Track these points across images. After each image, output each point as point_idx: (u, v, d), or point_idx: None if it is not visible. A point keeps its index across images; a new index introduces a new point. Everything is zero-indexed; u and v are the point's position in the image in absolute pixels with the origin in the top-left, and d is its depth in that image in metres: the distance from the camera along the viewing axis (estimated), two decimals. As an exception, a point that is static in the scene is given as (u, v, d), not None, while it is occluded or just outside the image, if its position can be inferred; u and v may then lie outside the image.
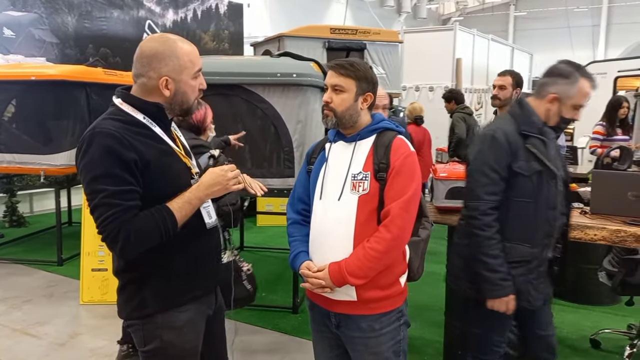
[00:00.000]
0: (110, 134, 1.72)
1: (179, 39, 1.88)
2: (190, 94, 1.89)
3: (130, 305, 1.89)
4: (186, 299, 1.93)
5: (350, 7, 18.65)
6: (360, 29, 9.10)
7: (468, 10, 27.06)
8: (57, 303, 4.72)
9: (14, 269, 5.60)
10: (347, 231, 2.05)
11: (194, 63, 1.88)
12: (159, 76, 1.82)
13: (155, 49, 1.83)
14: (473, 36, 11.26)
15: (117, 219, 1.69)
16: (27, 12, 7.82)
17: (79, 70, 5.96)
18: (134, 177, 1.74)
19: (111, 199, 1.70)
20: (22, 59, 7.64)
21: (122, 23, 9.31)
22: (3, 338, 4.02)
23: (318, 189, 2.14)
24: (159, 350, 1.90)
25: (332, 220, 2.08)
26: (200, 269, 1.97)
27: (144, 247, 1.76)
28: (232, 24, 11.77)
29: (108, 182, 1.70)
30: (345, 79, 2.07)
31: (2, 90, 5.47)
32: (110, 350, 3.84)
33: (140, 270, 1.87)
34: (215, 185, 1.87)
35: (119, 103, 1.86)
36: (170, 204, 1.80)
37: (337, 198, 2.07)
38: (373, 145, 2.10)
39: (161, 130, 1.88)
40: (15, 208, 7.42)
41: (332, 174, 2.12)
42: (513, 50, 13.70)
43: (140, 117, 1.84)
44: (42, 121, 5.50)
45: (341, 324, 2.14)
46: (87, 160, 1.73)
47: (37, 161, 5.46)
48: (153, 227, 1.75)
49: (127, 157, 1.72)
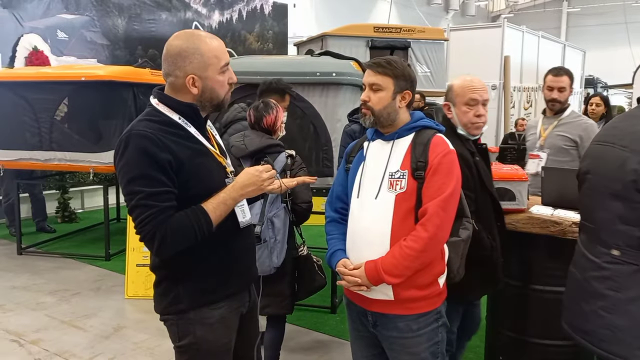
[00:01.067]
0: (145, 136, 1.75)
1: (205, 34, 1.88)
2: (218, 89, 1.88)
3: (165, 300, 1.92)
4: (219, 297, 1.95)
5: (396, 5, 18.52)
6: (404, 27, 9.02)
7: (519, 7, 26.39)
8: (104, 297, 4.87)
9: (65, 263, 5.81)
10: (383, 230, 2.04)
11: (220, 58, 1.86)
12: (185, 74, 1.82)
13: (179, 47, 1.83)
14: (522, 33, 10.99)
15: (153, 221, 1.73)
16: (80, 15, 8.12)
17: (127, 71, 6.13)
18: (169, 178, 1.76)
19: (147, 200, 1.73)
20: (75, 60, 7.97)
21: (170, 25, 9.53)
22: (51, 329, 4.17)
23: (356, 188, 2.13)
24: (193, 345, 1.93)
25: (369, 219, 2.07)
26: (233, 267, 1.98)
27: (179, 247, 1.79)
28: (276, 24, 11.87)
29: (144, 184, 1.73)
30: (383, 77, 2.06)
31: (54, 90, 5.68)
32: (152, 343, 3.94)
33: (175, 268, 1.89)
34: (249, 185, 1.87)
35: (155, 103, 1.88)
36: (205, 205, 1.81)
37: (374, 196, 2.06)
38: (411, 143, 2.08)
39: (196, 129, 1.89)
40: (67, 204, 7.70)
41: (370, 172, 2.11)
42: (565, 48, 13.28)
43: (175, 118, 1.86)
44: (91, 120, 5.68)
45: (378, 323, 2.13)
46: (124, 162, 1.76)
47: (86, 159, 5.64)
48: (188, 228, 1.77)
49: (161, 158, 1.74)
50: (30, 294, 4.88)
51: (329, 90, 4.20)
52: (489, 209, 2.56)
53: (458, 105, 2.51)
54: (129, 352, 3.84)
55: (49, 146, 5.71)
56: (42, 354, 3.78)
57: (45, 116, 5.68)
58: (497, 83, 10.07)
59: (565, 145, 3.75)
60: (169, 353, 3.79)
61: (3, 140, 5.87)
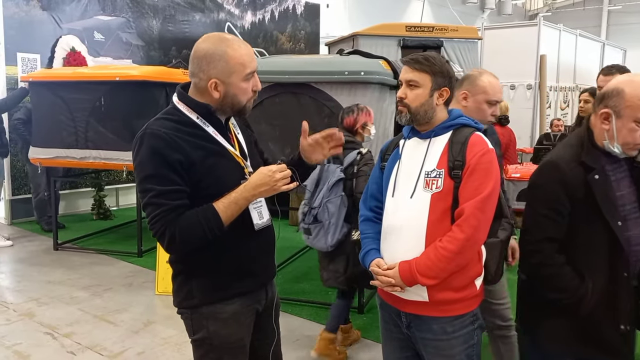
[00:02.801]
0: (158, 136, 1.79)
1: (234, 39, 1.88)
2: (240, 96, 1.89)
3: (181, 294, 1.97)
4: (232, 294, 1.97)
5: (430, 4, 18.35)
6: (437, 26, 8.92)
7: (557, 5, 25.84)
8: (135, 292, 4.96)
9: (98, 259, 5.94)
10: (418, 230, 2.00)
11: (245, 66, 1.86)
12: (208, 78, 1.84)
13: (206, 50, 1.84)
14: (559, 31, 10.75)
15: (163, 219, 1.77)
16: (116, 16, 8.28)
17: (160, 71, 6.24)
18: (180, 177, 1.79)
19: (158, 198, 1.77)
20: (111, 61, 8.13)
21: (203, 25, 9.65)
22: (84, 323, 4.27)
23: (391, 186, 2.11)
24: (206, 340, 1.96)
25: (403, 218, 2.04)
26: (246, 267, 1.99)
27: (189, 246, 1.83)
28: (308, 24, 11.89)
29: (155, 182, 1.77)
30: (420, 74, 2.02)
31: (90, 90, 5.81)
32: (180, 339, 3.99)
33: (189, 263, 1.93)
34: (262, 185, 1.86)
35: (176, 102, 1.91)
36: (216, 204, 1.82)
37: (409, 195, 2.03)
38: (448, 142, 2.03)
39: (214, 130, 1.91)
40: (102, 201, 7.87)
41: (405, 171, 2.08)
42: (604, 46, 12.92)
43: (193, 117, 1.88)
44: (125, 119, 5.78)
45: (412, 325, 2.10)
46: (138, 161, 1.82)
47: (120, 157, 5.75)
48: (197, 227, 1.79)
49: (172, 158, 1.77)
50: (64, 289, 5.01)
51: (357, 89, 4.19)
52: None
53: (625, 118, 1.92)
54: (157, 347, 3.90)
55: (84, 144, 5.85)
56: (74, 347, 3.88)
57: (81, 115, 5.82)
58: (533, 83, 9.87)
59: None
60: (195, 349, 3.85)
61: (41, 138, 6.04)
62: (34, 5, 7.36)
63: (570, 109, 10.76)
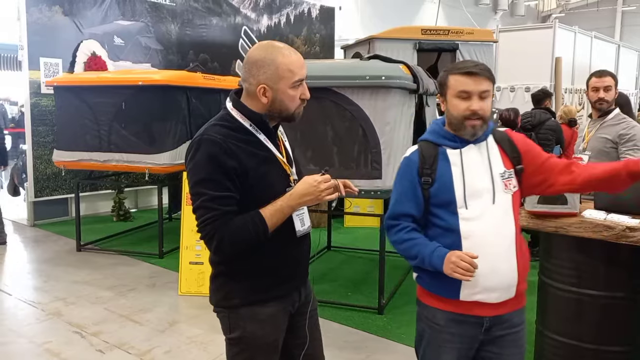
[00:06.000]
0: (215, 142, 1.84)
1: (285, 47, 1.93)
2: (288, 102, 1.92)
3: (220, 294, 2.04)
4: (270, 297, 2.02)
5: (443, 6, 18.33)
6: (452, 29, 8.96)
7: (570, 6, 25.69)
8: (158, 293, 5.06)
9: (121, 260, 6.06)
10: (509, 232, 2.05)
11: (294, 73, 1.89)
12: (258, 83, 1.89)
13: (257, 56, 1.90)
14: (574, 33, 10.73)
15: (214, 223, 1.83)
16: (135, 21, 8.42)
17: (181, 76, 6.35)
18: (233, 183, 1.85)
19: (210, 203, 1.83)
20: (130, 65, 8.27)
21: (220, 30, 9.76)
22: (110, 322, 4.37)
23: (459, 198, 2.03)
24: (242, 339, 2.02)
25: (492, 226, 2.03)
26: (286, 272, 2.05)
27: (236, 250, 1.89)
28: (323, 28, 11.98)
29: (209, 187, 1.83)
30: (490, 83, 2.03)
31: (113, 94, 5.93)
32: (205, 338, 4.08)
33: (231, 266, 1.99)
34: (307, 195, 1.90)
35: (230, 108, 1.96)
36: (263, 211, 1.88)
37: (490, 202, 2.03)
38: (497, 143, 2.11)
39: (265, 137, 1.96)
40: (122, 203, 8.01)
41: (474, 179, 2.05)
42: (619, 48, 12.87)
43: (246, 125, 1.93)
44: (147, 123, 5.90)
45: (493, 327, 2.09)
46: (193, 164, 1.87)
47: (142, 160, 5.87)
48: (245, 232, 1.85)
49: (228, 165, 1.83)
50: (90, 289, 5.12)
51: (378, 94, 4.24)
52: None
53: None
54: (183, 345, 3.99)
55: (107, 148, 5.96)
56: (102, 345, 3.98)
57: (105, 119, 5.94)
58: (548, 85, 9.88)
59: (605, 148, 3.80)
60: (221, 348, 3.90)
61: (65, 141, 6.18)
62: (56, 11, 7.51)
63: (585, 111, 10.73)
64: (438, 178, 2.06)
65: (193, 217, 5.68)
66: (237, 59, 10.01)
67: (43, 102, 7.47)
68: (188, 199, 5.05)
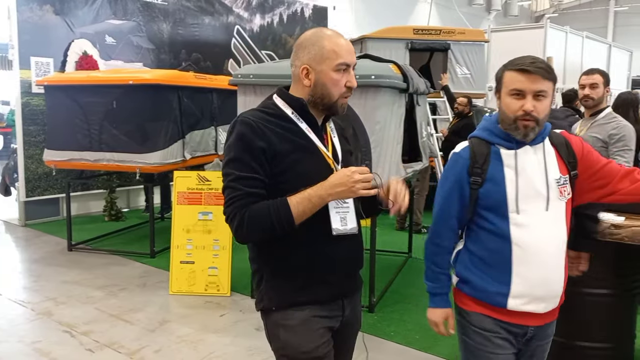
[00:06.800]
0: (246, 123, 1.79)
1: (333, 32, 1.85)
2: (330, 87, 1.81)
3: (258, 297, 1.94)
4: (302, 300, 1.86)
5: (437, 6, 18.40)
6: (444, 29, 9.00)
7: (563, 6, 25.83)
8: (149, 292, 5.05)
9: (112, 260, 6.04)
10: (560, 240, 1.96)
11: (338, 55, 1.79)
12: (301, 64, 1.82)
13: (304, 38, 1.84)
14: (566, 33, 10.80)
15: (235, 203, 1.75)
16: (127, 20, 8.40)
17: (172, 75, 6.34)
18: (261, 165, 1.76)
19: (235, 183, 1.76)
20: (122, 64, 8.26)
21: (213, 29, 9.75)
22: (101, 322, 4.37)
23: (511, 202, 1.92)
24: (279, 350, 1.90)
25: (544, 234, 1.93)
26: (321, 275, 1.87)
27: (255, 234, 1.77)
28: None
29: (236, 167, 1.77)
30: (549, 83, 1.89)
31: (104, 93, 5.92)
32: (195, 337, 4.08)
33: (262, 263, 1.90)
34: (339, 185, 1.73)
35: (275, 97, 1.90)
36: (289, 198, 1.75)
37: (543, 208, 1.92)
38: (554, 146, 2.00)
39: (307, 126, 1.86)
40: (114, 203, 7.99)
41: (528, 183, 1.93)
42: (610, 48, 12.95)
43: (288, 112, 1.85)
44: (138, 122, 5.88)
45: (534, 337, 2.03)
46: (227, 145, 1.83)
47: (133, 159, 5.85)
48: (265, 217, 1.73)
49: (255, 144, 1.76)
50: (80, 288, 5.11)
51: (368, 93, 4.24)
52: None
53: None
54: (173, 345, 3.99)
55: (98, 147, 5.94)
56: (92, 345, 3.97)
57: (95, 118, 5.92)
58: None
59: (596, 147, 3.81)
60: (211, 347, 3.95)
61: (55, 141, 6.15)
62: (47, 10, 7.49)
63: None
64: (489, 179, 1.94)
65: (184, 216, 5.64)
66: (229, 59, 10.01)
67: (34, 102, 7.44)
68: (178, 198, 5.06)
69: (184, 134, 6.26)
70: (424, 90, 5.36)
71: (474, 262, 2.00)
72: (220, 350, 3.92)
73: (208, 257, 4.98)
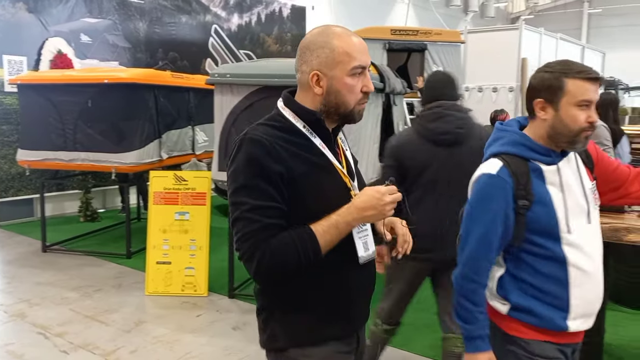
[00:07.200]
0: (258, 142, 1.54)
1: (343, 30, 1.61)
2: (346, 94, 1.58)
3: (264, 334, 1.71)
4: (321, 337, 1.66)
5: (415, 7, 18.53)
6: (421, 30, 9.07)
7: (539, 8, 26.17)
8: (125, 293, 5.01)
9: (87, 261, 5.98)
10: (601, 252, 1.86)
11: (352, 57, 1.56)
12: (310, 70, 1.58)
13: (309, 40, 1.61)
14: (540, 35, 10.95)
15: (254, 237, 1.51)
16: (103, 19, 8.32)
17: (148, 74, 6.29)
18: (279, 192, 1.53)
19: (251, 213, 1.51)
20: (97, 63, 8.17)
21: (190, 28, 9.71)
22: (76, 323, 4.32)
23: (562, 222, 1.77)
24: None
25: (592, 249, 1.82)
26: (343, 307, 1.68)
27: (279, 271, 1.54)
28: (294, 27, 12.00)
29: (249, 195, 1.52)
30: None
31: (78, 92, 5.85)
32: (171, 338, 4.06)
33: (272, 297, 1.67)
34: (369, 209, 1.55)
35: (281, 107, 1.65)
36: (314, 226, 1.54)
37: (587, 220, 1.81)
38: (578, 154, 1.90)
39: (321, 141, 1.63)
40: (89, 204, 7.89)
41: (572, 197, 1.80)
42: (584, 49, 13.18)
43: (300, 126, 1.62)
44: (113, 122, 5.84)
45: (574, 352, 1.94)
46: (233, 169, 1.57)
47: (109, 159, 5.80)
48: (290, 250, 1.51)
49: (272, 169, 1.52)
50: (55, 290, 5.04)
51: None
52: None
53: None
54: (149, 345, 3.97)
55: (73, 147, 5.88)
56: (67, 346, 3.93)
57: (70, 117, 5.86)
58: (514, 85, 10.07)
59: None
60: (187, 347, 3.93)
61: (29, 141, 6.07)
62: (20, 8, 7.38)
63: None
64: (537, 200, 1.76)
65: (160, 216, 5.59)
66: (207, 58, 9.97)
67: (7, 101, 7.34)
68: (155, 198, 5.03)
69: (160, 134, 6.22)
70: (401, 90, 5.40)
71: (524, 289, 1.82)
72: (197, 350, 3.91)
73: (185, 257, 4.95)
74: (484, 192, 1.81)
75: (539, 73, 1.82)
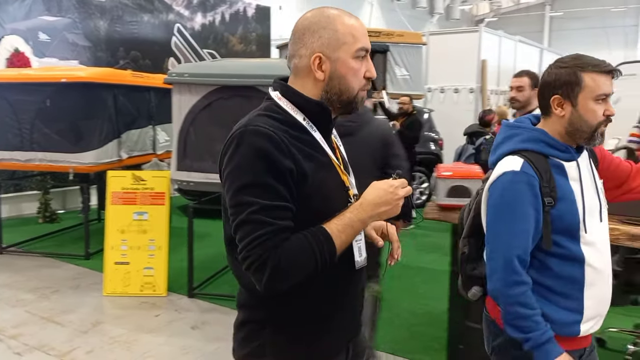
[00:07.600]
0: (265, 134, 1.35)
1: (341, 11, 1.48)
2: (351, 78, 1.45)
3: (247, 348, 1.51)
4: (315, 354, 1.52)
5: (382, 8, 18.72)
6: (383, 31, 9.20)
7: (502, 10, 26.71)
8: (82, 294, 4.96)
9: (45, 262, 5.88)
10: (609, 251, 1.81)
11: (357, 38, 1.44)
12: (312, 53, 1.43)
13: (310, 21, 1.46)
14: (499, 38, 11.21)
15: (266, 242, 1.32)
16: (62, 17, 8.18)
17: (107, 73, 6.23)
18: (290, 191, 1.36)
19: (261, 215, 1.32)
20: (57, 62, 8.04)
21: (152, 27, 9.63)
22: (31, 324, 4.26)
23: (581, 220, 1.71)
24: None
25: (604, 248, 1.78)
26: (337, 317, 1.54)
27: (293, 280, 1.36)
28: (259, 27, 12.00)
29: (258, 194, 1.33)
30: None
31: (35, 91, 5.76)
32: (129, 338, 4.05)
33: (265, 309, 1.48)
34: (382, 204, 1.42)
35: (277, 97, 1.47)
36: (327, 226, 1.39)
37: (599, 219, 1.77)
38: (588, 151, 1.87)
39: (321, 136, 1.49)
40: (48, 204, 7.76)
41: (590, 194, 1.76)
42: (542, 52, 13.54)
43: (300, 118, 1.45)
44: (71, 121, 5.76)
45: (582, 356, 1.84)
46: (234, 165, 1.36)
47: (66, 159, 5.73)
48: (307, 255, 1.35)
49: (283, 164, 1.34)
50: (10, 291, 4.96)
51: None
52: None
53: None
54: (106, 346, 3.95)
55: (29, 147, 5.79)
56: (21, 348, 3.88)
57: (27, 117, 5.76)
58: (475, 86, 10.30)
59: None
60: (145, 347, 3.93)
61: (-16, 140, 5.95)
62: (-25, 5, 7.22)
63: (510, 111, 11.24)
64: (561, 197, 1.69)
65: (118, 216, 5.56)
66: (170, 57, 9.90)
67: (-39, 100, 7.14)
68: (112, 198, 4.99)
69: (119, 133, 6.17)
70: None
71: (540, 292, 1.72)
72: (155, 349, 3.91)
73: (143, 257, 4.93)
74: (510, 189, 1.70)
75: (553, 69, 1.77)
